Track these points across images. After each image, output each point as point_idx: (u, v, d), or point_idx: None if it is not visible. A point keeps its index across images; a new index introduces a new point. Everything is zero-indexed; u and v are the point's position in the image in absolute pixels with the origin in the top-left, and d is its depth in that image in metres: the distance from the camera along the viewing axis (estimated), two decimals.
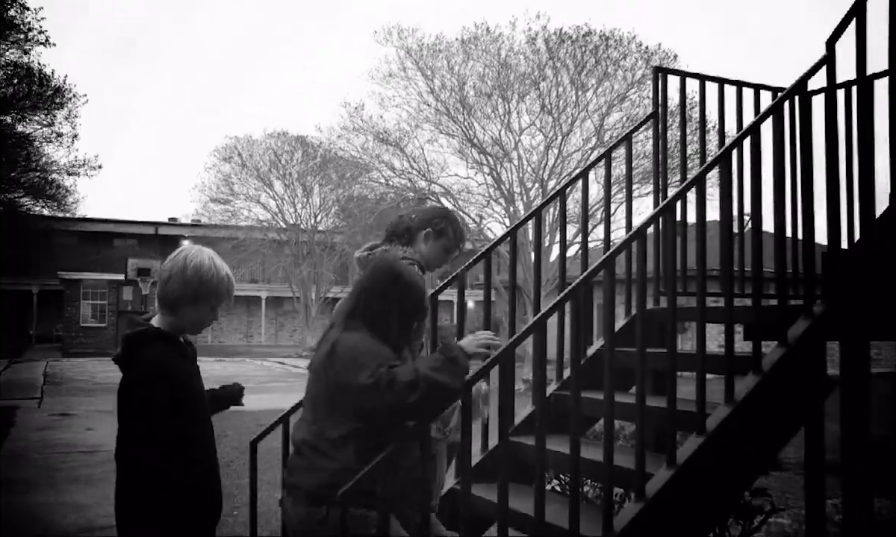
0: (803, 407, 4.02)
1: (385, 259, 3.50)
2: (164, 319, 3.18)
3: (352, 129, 31.45)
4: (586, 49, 27.24)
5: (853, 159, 4.39)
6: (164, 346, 3.11)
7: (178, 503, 3.00)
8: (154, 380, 3.02)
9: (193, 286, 3.14)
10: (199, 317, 3.22)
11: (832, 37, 4.12)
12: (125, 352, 3.11)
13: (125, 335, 3.15)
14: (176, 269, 3.15)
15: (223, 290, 3.24)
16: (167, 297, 3.15)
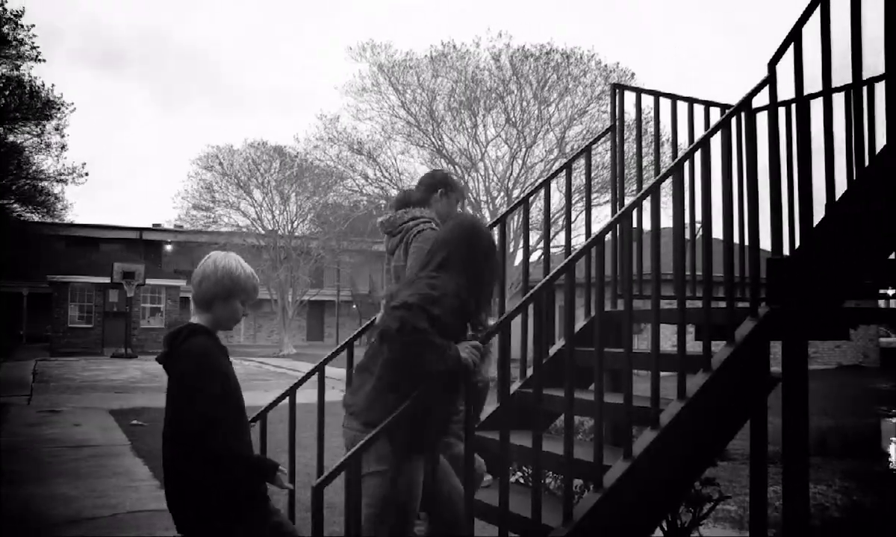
0: (749, 402, 4.07)
1: (466, 216, 3.56)
2: (200, 318, 3.36)
3: (327, 139, 31.44)
4: (548, 66, 27.40)
5: (794, 172, 4.46)
6: (207, 339, 3.29)
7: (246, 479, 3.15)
8: (204, 367, 3.18)
9: (225, 284, 3.36)
10: (230, 314, 3.42)
11: (773, 59, 4.18)
12: (170, 346, 3.25)
13: (168, 333, 3.32)
14: (208, 272, 3.36)
15: (250, 287, 3.48)
16: (202, 297, 3.36)
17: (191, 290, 3.43)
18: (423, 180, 4.43)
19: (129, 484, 8.01)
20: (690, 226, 5.31)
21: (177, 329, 3.33)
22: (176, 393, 3.17)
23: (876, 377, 26.80)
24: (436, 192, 4.35)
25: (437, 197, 4.35)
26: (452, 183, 4.44)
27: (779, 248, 4.30)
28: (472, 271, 3.31)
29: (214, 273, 3.37)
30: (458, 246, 3.34)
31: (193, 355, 3.20)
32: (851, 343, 30.43)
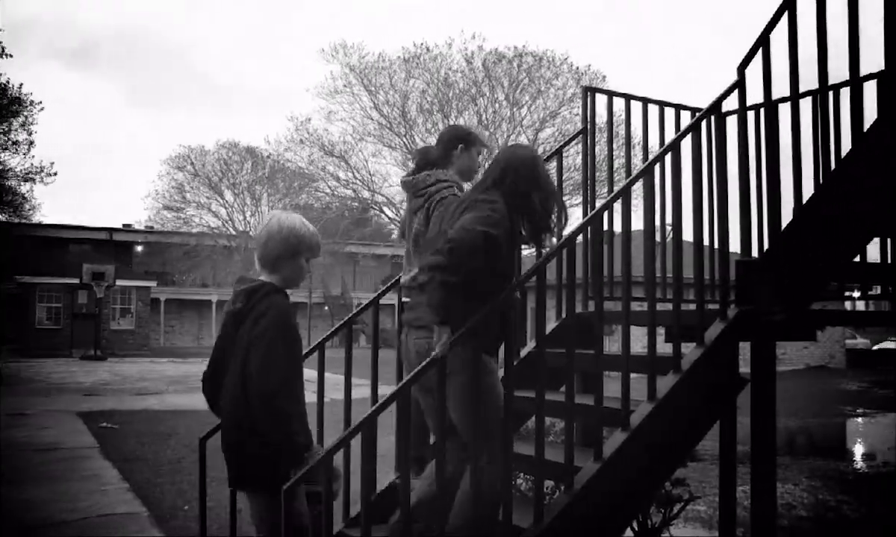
0: (718, 403, 4.10)
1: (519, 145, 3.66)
2: (269, 278, 3.44)
3: (298, 141, 31.32)
4: (521, 68, 27.48)
5: (763, 175, 4.50)
6: (285, 300, 3.40)
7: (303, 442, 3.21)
8: (287, 328, 3.28)
9: (292, 243, 3.42)
10: (297, 271, 3.50)
11: (742, 63, 4.22)
12: (248, 302, 3.35)
13: (245, 289, 3.40)
14: (273, 231, 3.43)
15: (315, 244, 3.52)
16: (268, 257, 3.43)
17: (256, 251, 3.51)
18: (442, 137, 4.33)
19: (99, 488, 7.92)
20: (661, 229, 5.34)
21: (253, 286, 3.39)
22: (253, 347, 3.21)
23: (842, 378, 27.15)
24: (455, 148, 4.23)
25: (458, 153, 4.23)
26: (472, 135, 4.32)
27: (748, 251, 4.34)
28: (520, 194, 3.45)
29: (279, 232, 3.43)
30: (507, 171, 3.48)
31: (277, 314, 3.28)
32: (818, 344, 30.78)
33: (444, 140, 4.28)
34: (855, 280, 5.56)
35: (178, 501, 7.40)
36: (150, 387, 19.89)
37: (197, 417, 13.34)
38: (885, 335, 38.65)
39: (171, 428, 12.28)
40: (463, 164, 4.24)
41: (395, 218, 30.77)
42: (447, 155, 4.22)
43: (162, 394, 18.09)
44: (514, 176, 3.49)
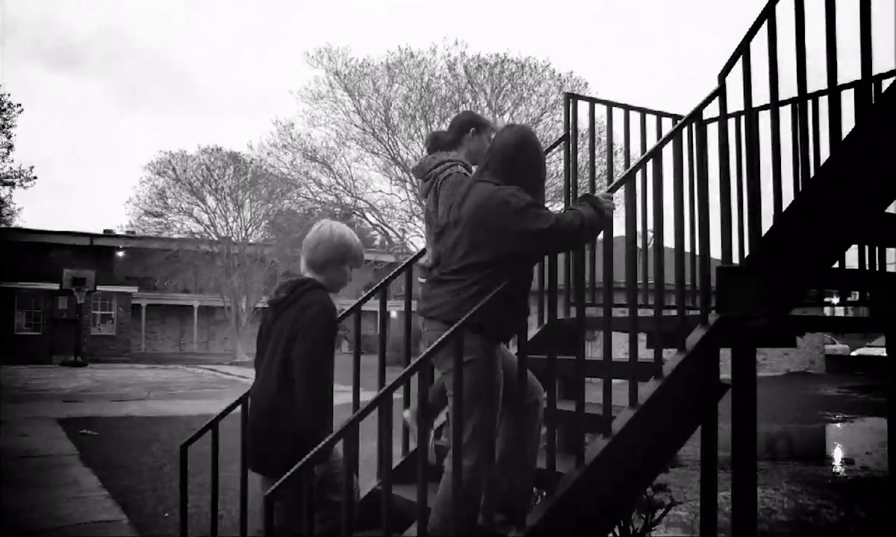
0: (699, 409, 4.11)
1: (516, 126, 3.73)
2: (316, 278, 3.68)
3: (281, 146, 31.24)
4: (503, 75, 27.53)
5: (743, 182, 4.53)
6: (327, 296, 3.64)
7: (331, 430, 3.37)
8: (330, 322, 3.52)
9: (340, 250, 3.70)
10: (340, 278, 3.76)
11: (723, 71, 4.25)
12: (291, 293, 3.60)
13: (291, 281, 3.67)
14: (324, 238, 3.70)
15: (360, 255, 3.81)
16: (316, 261, 3.70)
17: (305, 254, 3.74)
18: (455, 121, 4.46)
19: (78, 495, 7.84)
20: (642, 235, 5.36)
21: (299, 279, 3.66)
22: (300, 335, 3.44)
23: (821, 383, 27.33)
24: (467, 132, 4.36)
25: (470, 136, 4.35)
26: (482, 120, 4.45)
27: (728, 257, 4.36)
28: (518, 174, 3.52)
29: (330, 239, 3.70)
30: (508, 150, 3.56)
31: (323, 308, 3.53)
32: (798, 350, 30.99)
33: (456, 124, 4.42)
34: (834, 286, 5.61)
35: (158, 508, 7.34)
36: (131, 393, 19.75)
37: (178, 424, 13.28)
38: (864, 341, 38.95)
39: (152, 435, 12.19)
40: (473, 147, 4.35)
41: (378, 224, 30.75)
42: (459, 138, 4.35)
43: (143, 401, 17.96)
44: (503, 156, 3.57)
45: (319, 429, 3.32)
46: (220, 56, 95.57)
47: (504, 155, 3.56)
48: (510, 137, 3.60)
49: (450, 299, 3.49)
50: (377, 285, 4.82)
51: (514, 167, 3.53)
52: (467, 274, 3.47)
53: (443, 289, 3.56)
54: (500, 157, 3.57)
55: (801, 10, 4.02)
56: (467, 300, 3.41)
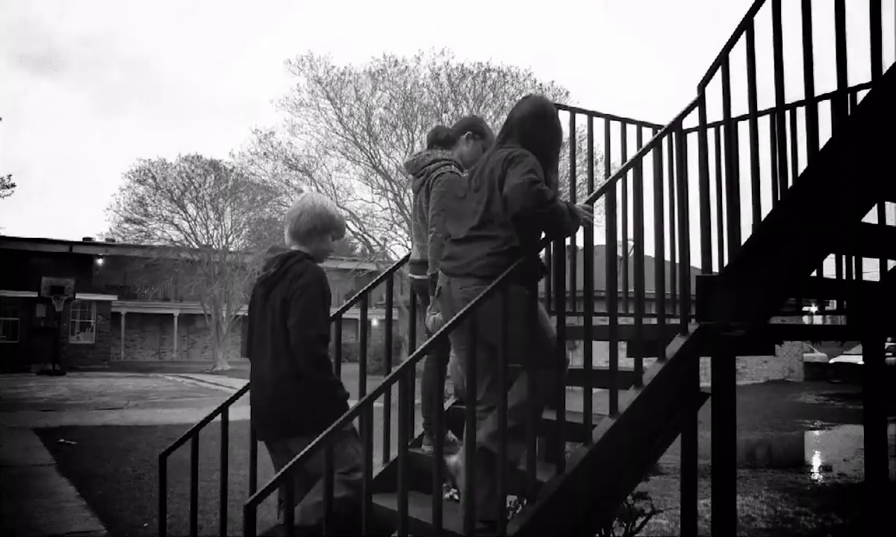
0: (680, 417, 4.12)
1: (536, 96, 3.91)
2: (301, 249, 3.79)
3: (262, 154, 31.09)
4: (485, 84, 27.57)
5: (723, 191, 4.55)
6: (316, 264, 3.76)
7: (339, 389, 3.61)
8: (323, 289, 3.65)
9: (323, 219, 3.81)
10: (324, 247, 3.88)
11: (703, 81, 4.27)
12: (282, 266, 3.71)
13: (280, 255, 3.77)
14: (307, 207, 3.81)
15: (341, 226, 3.95)
16: (300, 230, 3.80)
17: (288, 224, 3.86)
18: (459, 122, 4.63)
19: (55, 505, 7.76)
20: (623, 244, 5.38)
21: (289, 252, 3.76)
22: (294, 301, 3.58)
23: (800, 391, 27.52)
24: (464, 134, 4.49)
25: (465, 139, 4.48)
26: (484, 131, 4.54)
27: (708, 266, 4.38)
28: (536, 142, 3.67)
29: (313, 208, 3.81)
30: (526, 120, 3.72)
31: (315, 275, 3.65)
32: (777, 358, 31.18)
33: (459, 125, 4.59)
34: (812, 295, 5.64)
35: (137, 518, 7.27)
36: (110, 402, 19.60)
37: (157, 433, 13.18)
38: (841, 349, 39.25)
39: (130, 444, 12.10)
40: (467, 151, 4.46)
41: (359, 232, 30.69)
42: (456, 137, 4.49)
43: (122, 410, 17.82)
44: (521, 125, 3.72)
45: (336, 388, 3.50)
46: (203, 63, 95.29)
47: (523, 125, 3.71)
48: (529, 107, 3.77)
49: (483, 255, 3.57)
50: (358, 293, 4.81)
51: (532, 136, 3.68)
52: (497, 231, 3.56)
53: (473, 245, 3.62)
54: (519, 127, 3.72)
55: (779, 22, 4.05)
56: (503, 254, 3.52)
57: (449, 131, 4.56)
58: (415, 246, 4.54)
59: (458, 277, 3.65)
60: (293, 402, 3.59)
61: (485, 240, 3.59)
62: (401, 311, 28.30)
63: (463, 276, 3.63)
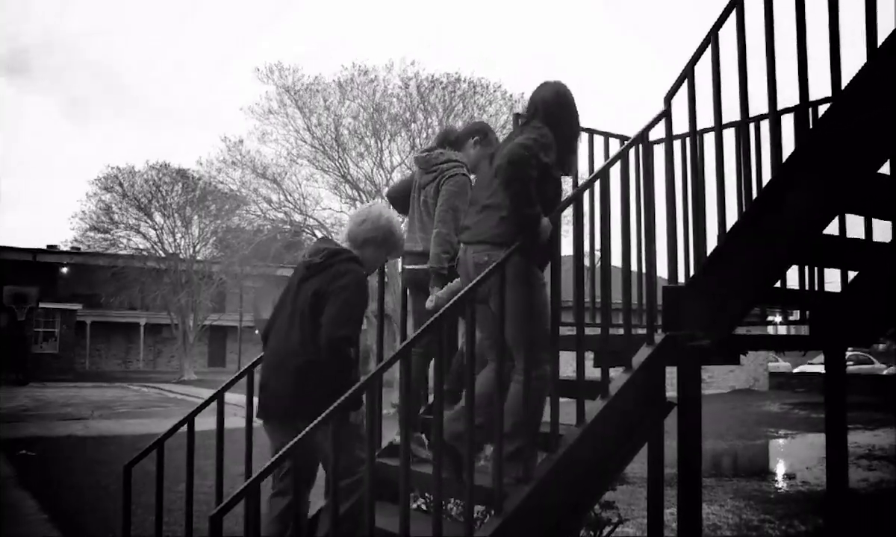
0: (646, 427, 4.15)
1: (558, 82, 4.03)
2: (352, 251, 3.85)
3: (230, 163, 30.86)
4: (455, 94, 27.62)
5: (689, 202, 4.59)
6: (361, 269, 3.81)
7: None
8: (362, 294, 3.69)
9: (384, 233, 3.89)
10: (375, 259, 3.97)
11: (669, 93, 4.31)
12: (328, 259, 3.75)
13: (328, 248, 3.83)
14: (372, 216, 3.89)
15: (400, 245, 4.04)
16: (358, 236, 3.88)
17: (349, 225, 3.95)
18: (468, 126, 4.83)
19: (16, 518, 7.63)
20: (590, 254, 5.40)
21: (338, 248, 3.82)
22: (332, 299, 3.62)
23: (765, 400, 27.82)
24: (471, 138, 4.66)
25: (472, 143, 4.65)
26: (490, 138, 4.72)
27: (674, 277, 4.42)
28: (555, 123, 3.87)
29: (378, 219, 3.89)
30: (548, 103, 3.91)
31: (357, 278, 3.71)
32: (743, 368, 31.49)
33: (467, 128, 4.77)
34: (776, 305, 5.71)
35: (101, 530, 7.17)
36: (74, 412, 19.32)
37: (122, 443, 13.01)
38: (805, 358, 39.76)
39: (95, 456, 11.93)
40: (472, 156, 4.63)
41: None
42: (465, 140, 4.66)
43: (86, 420, 17.58)
44: (544, 108, 3.91)
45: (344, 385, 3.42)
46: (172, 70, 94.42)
47: (546, 107, 3.91)
48: (547, 92, 3.97)
49: (494, 223, 3.78)
50: None
51: (553, 116, 3.89)
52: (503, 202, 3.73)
53: (485, 214, 3.84)
54: (543, 108, 3.92)
55: (743, 37, 4.11)
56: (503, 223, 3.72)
57: (458, 133, 4.72)
58: (416, 235, 4.63)
59: (472, 244, 3.87)
60: (310, 388, 3.63)
61: (496, 209, 3.79)
62: (369, 321, 28.21)
63: (476, 243, 3.83)
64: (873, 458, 13.30)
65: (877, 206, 4.65)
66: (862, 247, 4.92)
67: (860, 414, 19.97)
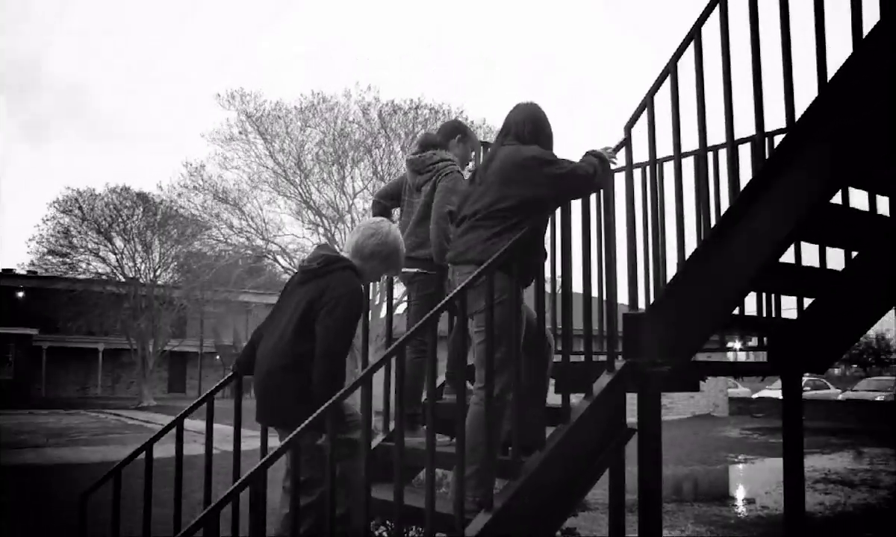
0: (607, 453, 4.15)
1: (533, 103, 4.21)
2: (352, 261, 3.89)
3: (192, 187, 30.62)
4: (416, 120, 27.72)
5: (649, 230, 4.65)
6: (358, 280, 3.86)
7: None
8: (356, 304, 3.74)
9: (390, 250, 3.96)
10: (377, 273, 4.05)
11: (629, 122, 4.38)
12: (326, 265, 3.81)
13: (327, 254, 3.88)
14: (381, 232, 3.96)
15: (400, 264, 4.12)
16: (364, 248, 3.94)
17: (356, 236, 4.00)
18: (442, 128, 5.02)
19: None
20: (551, 281, 5.43)
21: (337, 256, 3.88)
22: (326, 310, 3.65)
23: (725, 425, 28.06)
24: (454, 138, 4.91)
25: (455, 142, 4.90)
26: (468, 131, 5.02)
27: (634, 304, 4.46)
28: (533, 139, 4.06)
29: (387, 236, 3.96)
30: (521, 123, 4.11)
31: (352, 290, 3.75)
32: (703, 393, 31.74)
33: (445, 130, 4.98)
34: (734, 332, 5.77)
35: None
36: (28, 440, 18.91)
37: (79, 471, 12.75)
38: (763, 384, 40.22)
39: (49, 484, 11.68)
40: (459, 153, 4.89)
41: (289, 267, 30.38)
42: (446, 142, 4.87)
43: (41, 448, 17.21)
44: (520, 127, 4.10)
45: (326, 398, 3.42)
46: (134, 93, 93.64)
47: (520, 125, 4.09)
48: (523, 111, 4.16)
49: (479, 242, 3.87)
50: None
51: (530, 133, 4.06)
52: (493, 220, 3.87)
53: (473, 234, 3.93)
54: (517, 127, 4.10)
55: (701, 68, 4.18)
56: (494, 239, 3.82)
57: (438, 137, 4.91)
58: (410, 239, 4.75)
59: (459, 265, 3.95)
60: (286, 395, 3.70)
61: (482, 229, 3.90)
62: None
63: (462, 264, 3.91)
64: (829, 482, 13.48)
65: (829, 235, 4.75)
66: (816, 275, 5.01)
67: (817, 438, 20.27)
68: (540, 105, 4.23)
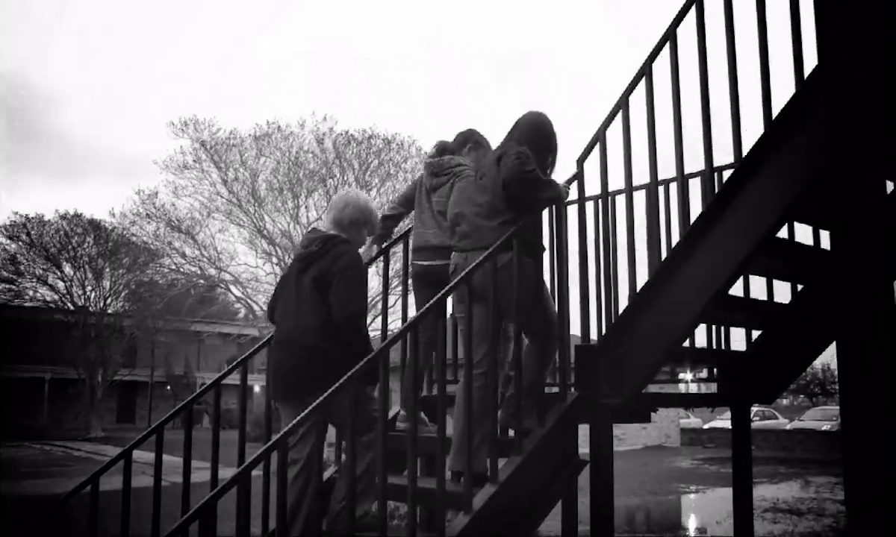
0: (560, 484, 4.16)
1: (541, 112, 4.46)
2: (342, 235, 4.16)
3: (144, 215, 30.22)
4: (370, 151, 27.75)
5: (601, 262, 4.69)
6: (355, 248, 4.15)
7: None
8: (362, 271, 4.05)
9: (365, 213, 4.26)
10: (359, 238, 4.32)
11: (582, 156, 4.42)
12: (323, 246, 4.06)
13: (322, 236, 4.14)
14: (351, 200, 4.26)
15: (376, 221, 4.45)
16: (343, 219, 4.22)
17: (332, 212, 4.26)
18: (457, 137, 5.22)
19: None
20: None
21: (331, 234, 4.14)
22: (337, 278, 3.92)
23: (677, 455, 28.25)
24: (465, 146, 5.11)
25: (466, 151, 5.10)
26: (481, 141, 5.18)
27: (587, 335, 4.48)
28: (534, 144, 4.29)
29: (357, 201, 4.25)
30: (528, 127, 4.36)
31: (354, 257, 4.05)
32: (655, 424, 31.96)
33: (458, 139, 5.20)
34: (684, 364, 5.84)
35: None
36: None
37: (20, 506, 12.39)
38: (714, 414, 40.64)
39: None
40: (470, 161, 5.05)
41: (242, 296, 30.13)
42: (459, 149, 5.12)
43: None
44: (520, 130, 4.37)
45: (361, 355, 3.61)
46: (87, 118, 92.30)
47: (523, 131, 4.34)
48: (529, 119, 4.39)
49: (489, 231, 4.12)
50: (240, 359, 4.70)
51: (531, 140, 4.30)
52: (497, 213, 4.16)
53: (482, 223, 4.18)
54: (518, 131, 4.36)
55: (652, 104, 4.25)
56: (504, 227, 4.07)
57: (453, 145, 5.15)
58: (429, 232, 4.96)
59: (472, 251, 4.15)
60: (322, 363, 3.87)
61: (492, 217, 4.16)
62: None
63: (479, 249, 4.09)
64: (777, 511, 13.62)
65: (775, 269, 4.83)
66: (764, 308, 5.09)
67: (766, 468, 20.49)
68: (546, 115, 4.45)
